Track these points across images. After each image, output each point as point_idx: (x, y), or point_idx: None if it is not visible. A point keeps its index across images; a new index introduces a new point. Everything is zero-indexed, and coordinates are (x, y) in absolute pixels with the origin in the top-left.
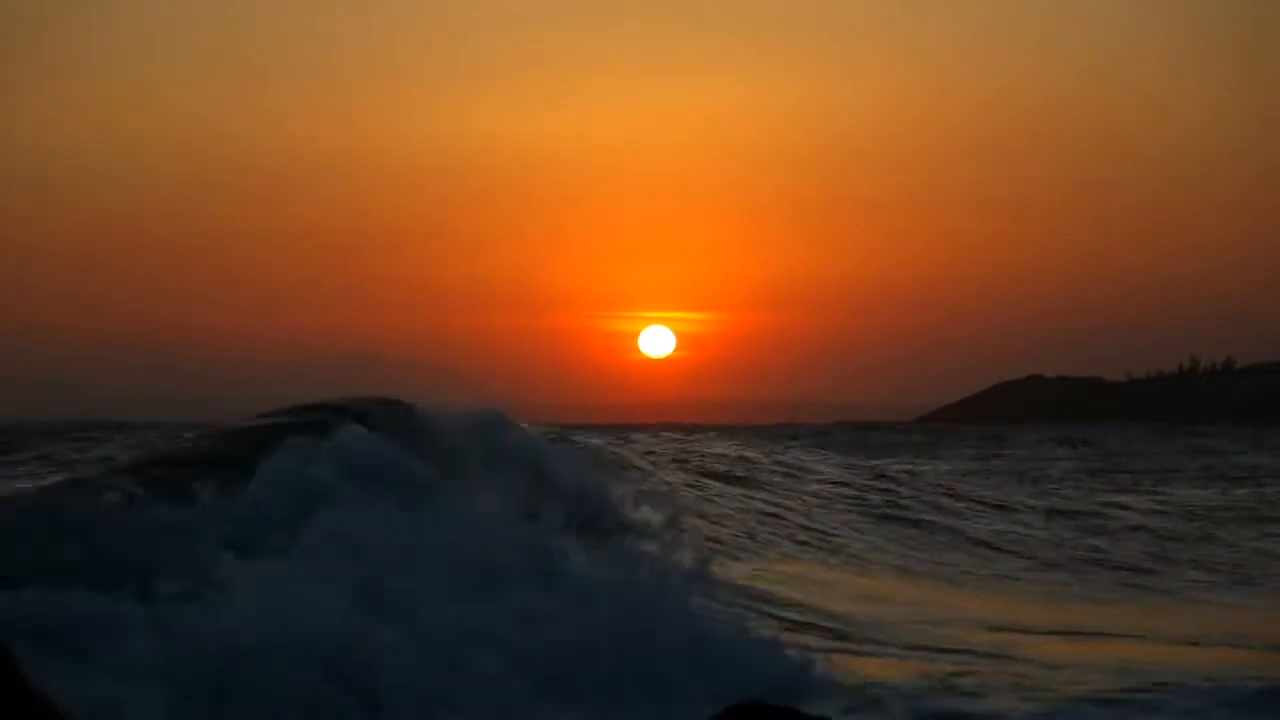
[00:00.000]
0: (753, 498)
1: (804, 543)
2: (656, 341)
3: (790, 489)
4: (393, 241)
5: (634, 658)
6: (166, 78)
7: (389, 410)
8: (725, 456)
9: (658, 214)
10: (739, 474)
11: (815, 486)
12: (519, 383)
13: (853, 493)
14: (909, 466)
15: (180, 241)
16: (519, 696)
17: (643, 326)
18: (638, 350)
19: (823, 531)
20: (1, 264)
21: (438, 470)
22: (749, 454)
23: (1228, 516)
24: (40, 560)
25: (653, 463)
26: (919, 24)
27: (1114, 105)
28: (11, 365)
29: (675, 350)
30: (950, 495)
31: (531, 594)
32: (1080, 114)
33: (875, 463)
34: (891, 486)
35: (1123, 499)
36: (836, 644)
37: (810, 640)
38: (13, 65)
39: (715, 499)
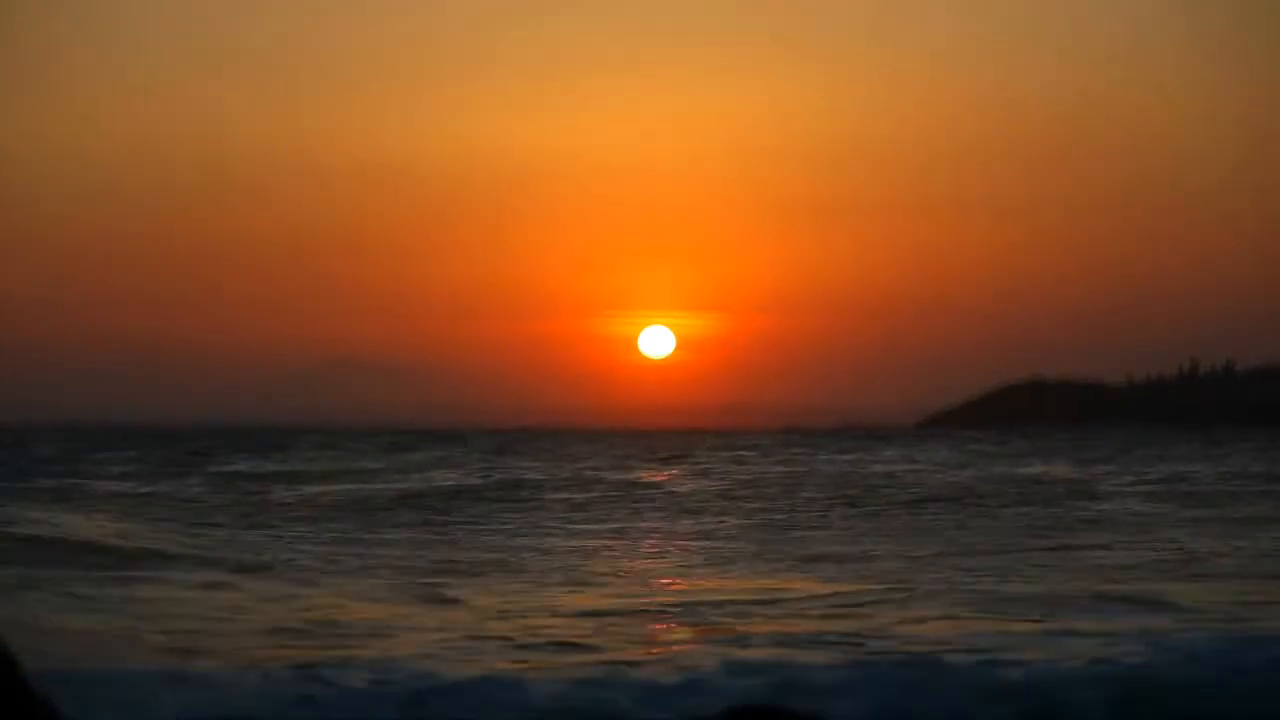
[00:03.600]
0: None
1: None
2: (656, 341)
3: None
4: (389, 246)
5: None
6: (155, 85)
7: None
8: None
9: (657, 217)
10: None
11: None
12: (519, 386)
13: None
14: None
15: (167, 248)
16: None
17: (641, 329)
18: (637, 352)
19: None
20: None
21: None
22: None
23: None
24: None
25: None
26: (921, 26)
27: (1116, 109)
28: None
29: (675, 352)
30: None
31: None
32: (1082, 118)
33: None
34: None
35: None
36: None
37: None
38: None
39: None
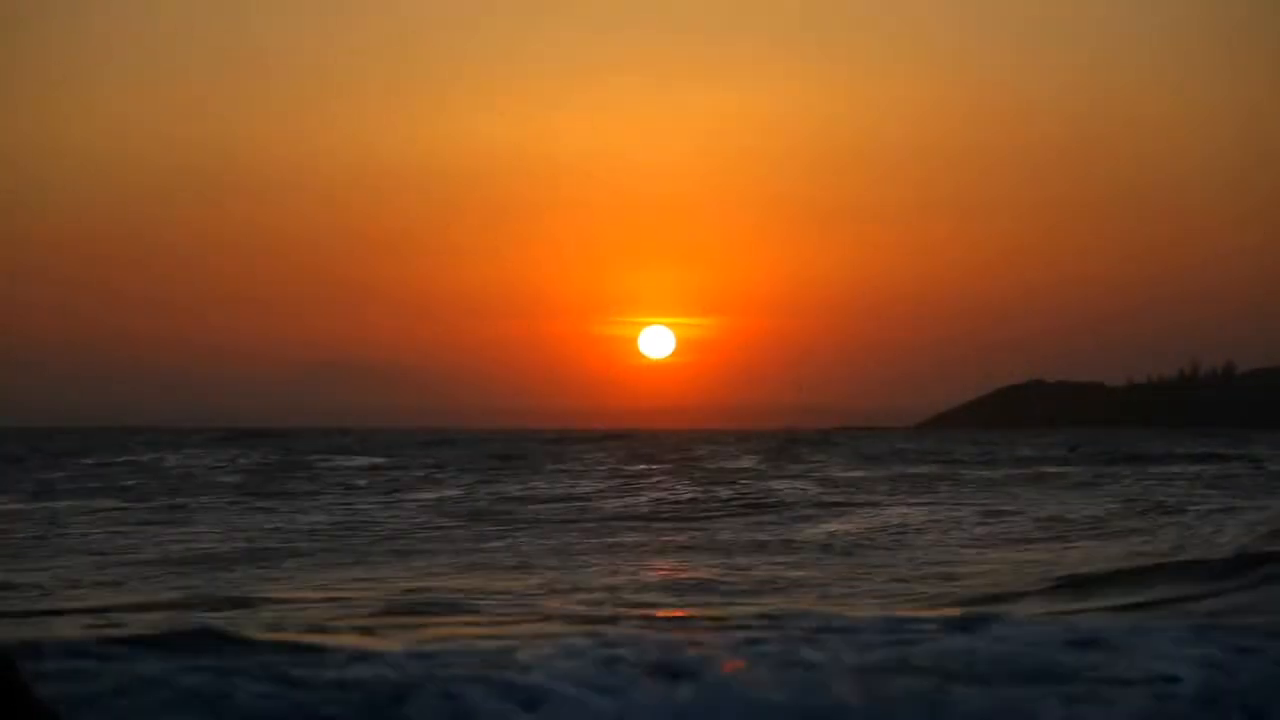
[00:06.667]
0: None
1: None
2: (656, 342)
3: None
4: (390, 247)
5: None
6: (156, 87)
7: None
8: None
9: (658, 218)
10: None
11: None
12: (519, 387)
13: None
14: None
15: (169, 249)
16: None
17: (641, 331)
18: (638, 354)
19: None
20: None
21: None
22: None
23: None
24: None
25: None
26: (925, 28)
27: (1116, 112)
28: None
29: (675, 354)
30: None
31: None
32: (1082, 121)
33: None
34: None
35: None
36: None
37: None
38: None
39: None
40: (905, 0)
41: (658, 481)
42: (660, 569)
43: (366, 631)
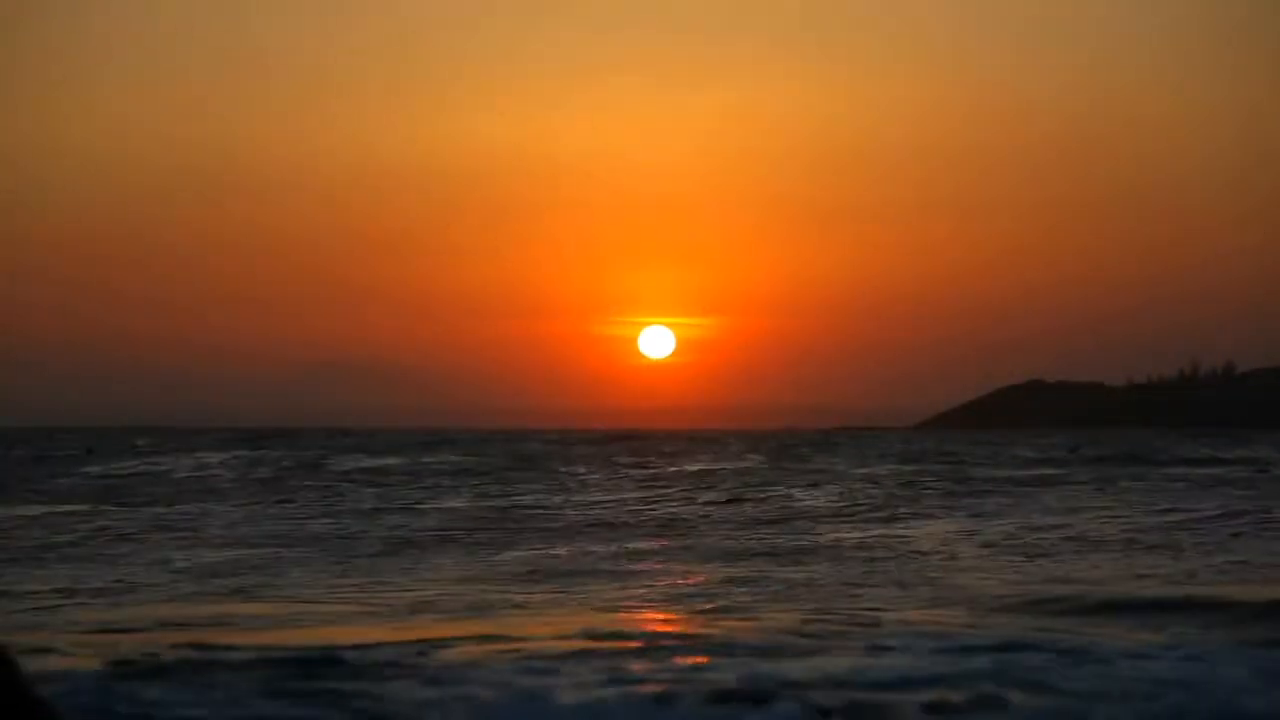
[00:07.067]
0: None
1: None
2: (656, 342)
3: None
4: (391, 247)
5: None
6: (156, 87)
7: None
8: None
9: (658, 218)
10: None
11: None
12: (519, 387)
13: None
14: None
15: (164, 250)
16: None
17: (641, 331)
18: (638, 354)
19: None
20: None
21: None
22: None
23: None
24: None
25: None
26: (924, 28)
27: (1117, 113)
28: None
29: (675, 353)
30: None
31: None
32: (1083, 122)
33: None
34: None
35: None
36: None
37: None
38: None
39: None
40: (905, 0)
41: (670, 488)
42: (678, 577)
43: (367, 644)
